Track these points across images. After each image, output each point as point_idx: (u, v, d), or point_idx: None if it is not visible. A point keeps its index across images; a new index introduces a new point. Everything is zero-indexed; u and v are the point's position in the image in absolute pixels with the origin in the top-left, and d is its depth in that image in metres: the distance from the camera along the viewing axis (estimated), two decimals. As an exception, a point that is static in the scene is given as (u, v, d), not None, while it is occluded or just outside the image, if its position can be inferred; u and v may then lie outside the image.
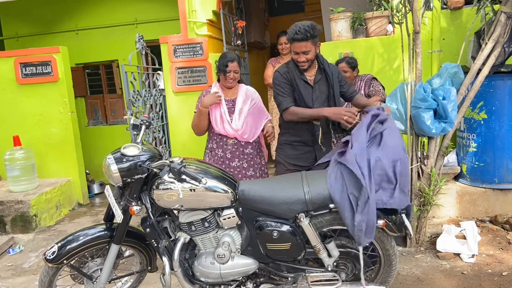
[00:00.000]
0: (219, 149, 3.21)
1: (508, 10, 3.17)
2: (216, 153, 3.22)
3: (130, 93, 4.37)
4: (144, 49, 4.68)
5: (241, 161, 3.21)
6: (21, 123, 5.04)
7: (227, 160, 3.20)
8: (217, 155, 3.22)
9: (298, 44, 2.72)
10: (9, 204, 4.36)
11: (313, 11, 7.53)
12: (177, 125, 4.84)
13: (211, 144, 3.27)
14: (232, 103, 3.21)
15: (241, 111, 3.17)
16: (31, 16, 6.46)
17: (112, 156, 2.28)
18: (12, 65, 4.95)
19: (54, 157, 5.09)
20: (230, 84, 3.18)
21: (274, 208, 2.30)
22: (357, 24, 4.43)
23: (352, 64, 3.92)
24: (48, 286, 2.45)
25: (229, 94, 3.23)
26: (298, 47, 2.73)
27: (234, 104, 3.20)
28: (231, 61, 3.09)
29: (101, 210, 5.01)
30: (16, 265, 3.84)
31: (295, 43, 2.73)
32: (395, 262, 2.46)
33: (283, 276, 2.44)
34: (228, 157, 3.20)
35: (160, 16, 6.04)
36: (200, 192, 2.24)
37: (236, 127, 3.13)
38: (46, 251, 2.41)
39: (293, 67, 2.89)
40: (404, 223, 2.34)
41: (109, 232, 2.45)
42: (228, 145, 3.19)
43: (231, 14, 5.28)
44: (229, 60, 3.09)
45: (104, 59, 6.40)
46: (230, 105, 3.20)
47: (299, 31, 2.67)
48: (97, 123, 6.66)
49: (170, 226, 2.45)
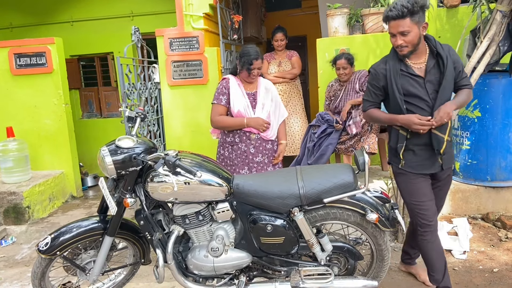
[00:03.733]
0: (242, 144, 3.14)
1: (504, 8, 3.18)
2: (239, 147, 3.15)
3: (125, 85, 4.35)
4: (140, 41, 4.65)
5: (264, 157, 3.18)
6: (14, 114, 5.00)
7: (250, 155, 3.15)
8: (240, 149, 3.15)
9: (393, 23, 2.27)
10: (2, 196, 4.33)
11: (310, 6, 7.52)
12: (172, 118, 4.83)
13: (231, 138, 3.17)
14: (253, 97, 3.17)
15: (263, 106, 3.14)
16: (25, 6, 6.40)
17: (107, 148, 2.27)
18: (6, 56, 4.90)
19: (47, 149, 5.06)
20: (252, 80, 3.16)
21: (268, 202, 2.31)
22: (354, 21, 4.44)
23: (350, 61, 3.95)
24: (41, 278, 2.44)
25: (249, 88, 3.18)
26: (394, 27, 2.28)
27: (254, 98, 3.17)
28: (256, 59, 3.04)
29: (94, 202, 4.99)
30: (8, 256, 3.82)
31: (390, 22, 2.29)
32: (388, 257, 2.48)
33: (276, 270, 2.45)
34: (251, 152, 3.15)
35: (156, 9, 6.01)
36: (195, 185, 2.24)
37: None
38: (39, 242, 2.41)
39: (393, 58, 2.42)
40: (397, 219, 2.37)
41: (102, 224, 2.44)
42: (251, 140, 3.14)
43: (227, 8, 5.26)
44: (254, 58, 3.03)
45: (99, 51, 6.36)
46: (251, 99, 3.16)
47: (394, 7, 2.24)
48: (92, 115, 6.62)
49: (164, 218, 2.45)
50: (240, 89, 3.15)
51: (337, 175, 2.34)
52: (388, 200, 2.43)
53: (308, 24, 7.77)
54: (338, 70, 4.00)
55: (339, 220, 2.39)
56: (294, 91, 5.05)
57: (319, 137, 4.00)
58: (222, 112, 3.13)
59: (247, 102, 3.12)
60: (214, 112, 3.14)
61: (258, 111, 3.12)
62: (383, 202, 2.41)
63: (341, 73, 3.98)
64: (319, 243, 2.39)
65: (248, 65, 3.05)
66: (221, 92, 3.15)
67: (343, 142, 3.97)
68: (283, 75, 4.93)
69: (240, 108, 3.08)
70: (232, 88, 3.13)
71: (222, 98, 3.13)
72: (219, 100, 3.13)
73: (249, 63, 3.04)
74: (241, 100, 3.11)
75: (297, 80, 5.10)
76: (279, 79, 4.90)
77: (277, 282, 2.39)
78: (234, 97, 3.10)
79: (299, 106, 5.07)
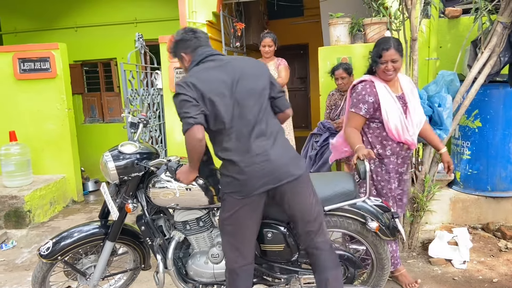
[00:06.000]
0: (394, 156, 2.67)
1: (505, 20, 3.21)
2: (390, 161, 2.66)
3: (128, 91, 4.38)
4: (143, 48, 4.69)
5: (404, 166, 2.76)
6: (17, 119, 5.02)
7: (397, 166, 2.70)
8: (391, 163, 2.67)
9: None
10: (3, 199, 4.34)
11: (312, 15, 7.58)
12: (174, 124, 4.85)
13: (381, 150, 2.64)
14: (402, 101, 2.61)
15: (414, 110, 2.61)
16: (30, 12, 6.46)
17: (110, 154, 2.30)
18: (11, 60, 4.94)
19: (49, 153, 5.08)
20: (389, 76, 2.55)
21: (268, 208, 2.31)
22: (355, 30, 4.46)
23: (348, 70, 3.96)
24: (42, 282, 2.45)
25: (393, 89, 2.61)
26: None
27: (404, 101, 2.62)
28: (386, 50, 2.49)
29: (95, 207, 5.00)
30: (9, 260, 3.82)
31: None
32: (388, 266, 2.48)
33: (276, 277, 2.45)
34: (398, 163, 2.70)
35: (160, 16, 6.06)
36: (196, 191, 2.25)
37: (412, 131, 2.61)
38: (40, 247, 2.42)
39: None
40: (397, 228, 2.38)
41: (104, 229, 2.46)
42: (402, 150, 2.68)
43: (230, 16, 5.31)
44: (384, 48, 2.50)
45: (103, 57, 6.41)
46: (401, 103, 2.60)
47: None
48: (94, 120, 6.65)
49: (165, 224, 2.47)
50: (389, 93, 2.57)
51: (338, 183, 2.36)
52: (388, 209, 2.43)
53: (310, 33, 7.82)
54: (337, 80, 4.02)
55: (339, 228, 2.40)
56: None
57: (321, 146, 4.01)
58: (361, 124, 2.61)
59: (400, 110, 2.57)
60: (351, 122, 2.61)
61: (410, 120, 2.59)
62: (384, 211, 2.41)
63: (340, 83, 4.00)
64: None
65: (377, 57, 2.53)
66: (363, 99, 2.55)
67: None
68: None
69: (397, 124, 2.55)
70: (381, 93, 2.55)
71: (363, 107, 2.54)
72: (359, 109, 2.55)
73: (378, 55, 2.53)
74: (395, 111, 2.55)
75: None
76: None
77: None
78: (386, 105, 2.54)
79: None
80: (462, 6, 4.19)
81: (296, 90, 9.09)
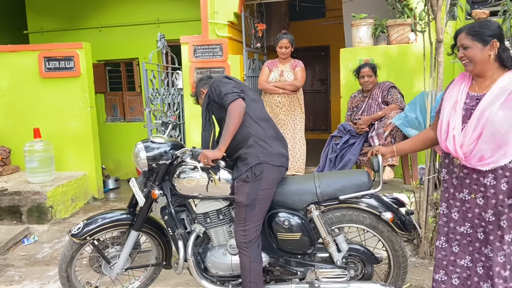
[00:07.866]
0: (447, 175, 2.13)
1: (535, 22, 3.11)
2: (446, 180, 2.14)
3: (149, 90, 4.43)
4: (165, 48, 4.73)
5: (475, 194, 2.00)
6: (42, 116, 5.13)
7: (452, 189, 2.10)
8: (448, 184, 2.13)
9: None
10: (26, 195, 4.44)
11: (334, 16, 7.51)
12: (193, 124, 4.87)
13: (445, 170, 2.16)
14: (475, 102, 1.97)
15: (481, 116, 1.90)
16: (56, 11, 6.60)
17: (142, 144, 2.53)
18: (36, 59, 5.05)
19: (72, 150, 5.17)
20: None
21: (285, 198, 2.41)
22: (378, 31, 4.40)
23: (374, 69, 3.95)
24: (69, 262, 2.57)
25: (477, 88, 2.02)
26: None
27: (477, 104, 1.95)
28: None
29: (115, 205, 5.06)
30: (30, 255, 3.90)
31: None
32: (405, 264, 2.49)
33: (293, 272, 2.50)
34: (454, 184, 2.09)
35: (182, 17, 6.10)
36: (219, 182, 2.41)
37: (460, 141, 1.96)
38: (71, 227, 2.57)
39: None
40: (412, 223, 2.42)
41: (131, 216, 2.63)
42: (454, 167, 2.07)
43: (252, 17, 5.31)
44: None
45: (125, 56, 6.49)
46: (471, 105, 1.99)
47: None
48: (115, 119, 6.75)
49: (186, 218, 2.62)
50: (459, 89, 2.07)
51: (354, 176, 2.47)
52: (403, 205, 2.49)
53: (331, 34, 7.76)
54: (362, 79, 3.97)
55: (354, 223, 2.45)
56: (295, 105, 4.54)
57: (341, 148, 3.97)
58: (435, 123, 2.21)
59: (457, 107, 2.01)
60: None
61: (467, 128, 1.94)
62: (398, 206, 2.48)
63: (365, 81, 3.95)
64: (335, 242, 2.46)
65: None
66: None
67: (365, 154, 3.92)
68: (283, 86, 4.43)
69: (442, 120, 2.05)
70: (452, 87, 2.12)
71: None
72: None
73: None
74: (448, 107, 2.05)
75: (298, 93, 4.55)
76: (278, 90, 4.44)
77: (293, 284, 2.47)
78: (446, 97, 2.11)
79: (298, 120, 4.56)
80: (490, 8, 4.08)
81: (316, 92, 9.03)
